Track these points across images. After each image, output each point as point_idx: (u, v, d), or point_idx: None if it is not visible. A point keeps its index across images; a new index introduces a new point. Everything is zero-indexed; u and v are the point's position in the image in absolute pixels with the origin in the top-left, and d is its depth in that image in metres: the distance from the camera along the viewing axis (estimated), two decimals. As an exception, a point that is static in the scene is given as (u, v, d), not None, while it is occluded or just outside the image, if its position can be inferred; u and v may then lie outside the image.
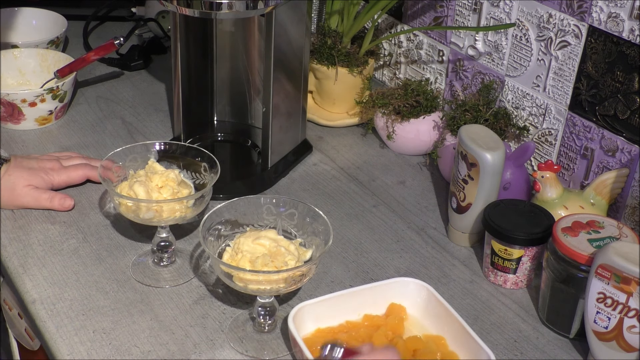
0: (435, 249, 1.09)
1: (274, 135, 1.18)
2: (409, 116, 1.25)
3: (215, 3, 1.02)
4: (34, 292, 0.97)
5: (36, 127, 1.30)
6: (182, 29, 1.16)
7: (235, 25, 1.24)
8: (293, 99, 1.20)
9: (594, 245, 0.90)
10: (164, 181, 0.99)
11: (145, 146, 1.06)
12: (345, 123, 1.36)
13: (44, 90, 1.26)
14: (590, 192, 1.05)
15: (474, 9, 1.24)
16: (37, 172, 1.10)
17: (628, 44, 1.03)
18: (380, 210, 1.16)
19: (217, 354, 0.90)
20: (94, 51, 1.32)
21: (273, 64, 1.12)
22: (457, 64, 1.31)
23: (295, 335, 0.84)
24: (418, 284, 0.92)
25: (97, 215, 1.11)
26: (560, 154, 1.16)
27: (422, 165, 1.28)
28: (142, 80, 1.47)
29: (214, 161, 1.02)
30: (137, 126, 1.33)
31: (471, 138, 1.03)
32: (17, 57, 1.37)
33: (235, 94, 1.30)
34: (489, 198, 1.04)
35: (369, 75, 1.36)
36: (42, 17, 1.51)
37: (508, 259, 0.99)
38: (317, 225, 0.92)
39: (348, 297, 0.91)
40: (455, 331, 0.87)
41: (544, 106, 1.17)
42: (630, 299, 0.82)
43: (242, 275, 0.86)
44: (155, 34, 1.58)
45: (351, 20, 1.33)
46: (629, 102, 1.05)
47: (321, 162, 1.27)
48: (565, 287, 0.91)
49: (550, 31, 1.13)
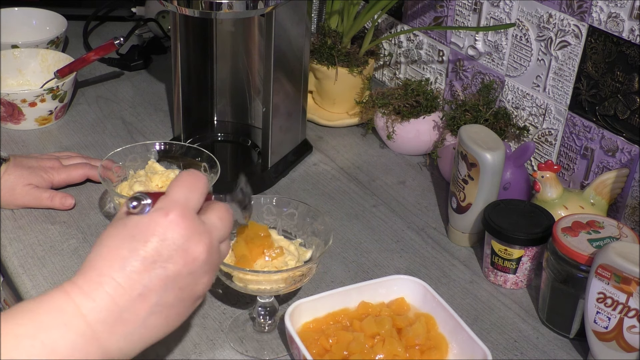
0: (435, 249, 1.09)
1: (274, 135, 1.18)
2: (409, 116, 1.25)
3: (215, 3, 1.02)
4: (34, 292, 0.96)
5: (36, 127, 1.30)
6: (182, 29, 1.16)
7: (235, 25, 1.24)
8: (293, 99, 1.20)
9: (594, 245, 0.90)
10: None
11: (145, 146, 1.06)
12: (345, 123, 1.36)
13: (44, 90, 1.26)
14: (590, 192, 1.05)
15: (474, 9, 1.24)
16: (36, 171, 1.10)
17: (628, 44, 1.03)
18: (380, 210, 1.16)
19: (217, 354, 0.90)
20: (94, 51, 1.32)
21: (273, 64, 1.12)
22: (457, 64, 1.31)
23: (292, 333, 0.84)
24: (415, 282, 0.92)
25: (97, 215, 1.11)
26: (560, 154, 1.16)
27: (422, 165, 1.28)
28: (142, 80, 1.47)
29: (214, 161, 1.02)
30: (137, 126, 1.33)
31: (471, 138, 1.03)
32: (17, 57, 1.37)
33: (235, 94, 1.30)
34: (489, 198, 1.04)
35: (369, 75, 1.36)
36: (42, 17, 1.51)
37: (508, 259, 1.00)
38: (317, 225, 0.92)
39: (345, 294, 0.91)
40: (452, 328, 0.87)
41: (544, 106, 1.17)
42: (630, 299, 0.82)
43: (242, 275, 0.86)
44: (155, 34, 1.58)
45: (351, 20, 1.33)
46: (629, 102, 1.05)
47: (321, 162, 1.27)
48: (565, 287, 0.91)
49: (550, 31, 1.13)
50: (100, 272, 0.64)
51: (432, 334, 0.88)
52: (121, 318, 0.64)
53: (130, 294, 0.64)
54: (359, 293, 0.92)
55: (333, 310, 0.90)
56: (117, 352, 0.65)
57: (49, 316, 0.62)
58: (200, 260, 0.67)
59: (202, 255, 0.67)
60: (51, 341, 0.60)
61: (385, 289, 0.93)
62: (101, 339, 0.63)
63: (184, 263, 0.66)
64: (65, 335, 0.61)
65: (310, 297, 0.90)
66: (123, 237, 0.65)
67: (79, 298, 0.63)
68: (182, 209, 0.67)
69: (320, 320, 0.89)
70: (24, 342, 0.60)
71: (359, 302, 0.91)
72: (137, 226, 0.66)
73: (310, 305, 0.89)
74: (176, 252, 0.66)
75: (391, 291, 0.93)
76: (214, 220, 0.70)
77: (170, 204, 0.67)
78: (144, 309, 0.65)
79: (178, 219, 0.66)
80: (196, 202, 0.69)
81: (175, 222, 0.66)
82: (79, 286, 0.63)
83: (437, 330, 0.89)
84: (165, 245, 0.65)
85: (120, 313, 0.64)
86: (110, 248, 0.65)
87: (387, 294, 0.93)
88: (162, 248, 0.65)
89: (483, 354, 0.83)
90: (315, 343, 0.85)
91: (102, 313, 0.63)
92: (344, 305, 0.91)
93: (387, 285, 0.93)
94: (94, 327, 0.63)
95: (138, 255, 0.64)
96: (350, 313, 0.90)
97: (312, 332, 0.87)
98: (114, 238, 0.66)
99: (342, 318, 0.90)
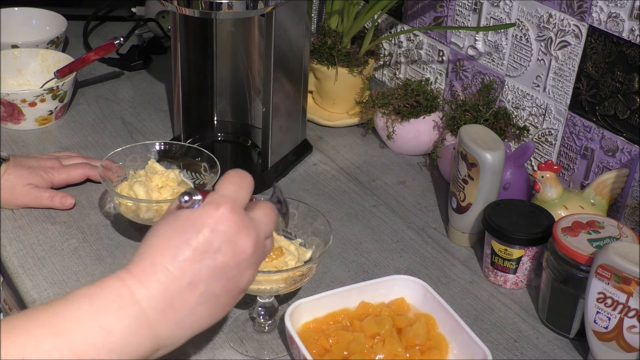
0: (435, 249, 1.09)
1: (274, 135, 1.18)
2: (409, 116, 1.25)
3: (215, 3, 1.02)
4: (34, 292, 0.97)
5: (36, 127, 1.30)
6: (182, 29, 1.16)
7: (235, 25, 1.24)
8: (293, 99, 1.20)
9: (594, 245, 0.90)
10: (164, 181, 0.99)
11: (145, 146, 1.06)
12: (345, 123, 1.36)
13: (44, 90, 1.26)
14: (590, 192, 1.05)
15: (474, 9, 1.24)
16: (36, 171, 1.10)
17: (628, 44, 1.03)
18: (380, 210, 1.16)
19: (217, 354, 0.90)
20: (94, 51, 1.32)
21: (273, 64, 1.12)
22: (457, 64, 1.31)
23: (292, 333, 0.84)
24: (415, 282, 0.92)
25: (97, 215, 1.11)
26: (560, 154, 1.16)
27: (422, 165, 1.28)
28: (142, 80, 1.47)
29: (214, 161, 1.02)
30: (137, 126, 1.33)
31: (471, 138, 1.03)
32: (17, 57, 1.37)
33: (235, 94, 1.30)
34: (489, 198, 1.04)
35: (369, 75, 1.36)
36: (42, 17, 1.51)
37: (508, 259, 1.00)
38: (317, 225, 0.92)
39: (345, 294, 0.91)
40: (452, 329, 0.87)
41: (544, 106, 1.17)
42: (630, 299, 0.82)
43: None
44: (155, 34, 1.58)
45: (351, 20, 1.33)
46: (629, 102, 1.05)
47: (321, 162, 1.27)
48: (565, 287, 0.91)
49: (550, 31, 1.13)
50: (154, 261, 0.67)
51: (432, 334, 0.88)
52: (172, 305, 0.67)
53: (180, 282, 0.67)
54: (359, 293, 0.92)
55: (333, 310, 0.90)
56: (167, 338, 0.68)
57: (106, 301, 0.65)
58: (248, 253, 0.70)
59: (249, 248, 0.70)
60: (108, 324, 0.64)
61: (385, 289, 0.93)
62: (153, 324, 0.66)
63: (232, 254, 0.69)
64: (121, 319, 0.64)
65: (310, 297, 0.90)
66: (175, 229, 0.68)
67: (134, 285, 0.66)
68: (231, 204, 0.70)
69: (320, 320, 0.89)
70: (83, 324, 0.63)
71: (359, 302, 0.91)
72: (189, 218, 0.69)
73: (310, 305, 0.89)
74: (226, 243, 0.68)
75: (391, 291, 0.93)
76: (260, 216, 0.73)
77: (220, 199, 0.70)
78: (193, 298, 0.68)
79: (228, 213, 0.69)
80: (244, 199, 0.72)
81: (225, 215, 0.69)
82: (134, 274, 0.66)
83: (437, 331, 0.89)
84: (216, 237, 0.68)
85: (171, 300, 0.67)
86: (163, 239, 0.68)
87: (387, 294, 0.93)
88: (212, 239, 0.68)
89: (483, 354, 0.83)
90: (315, 343, 0.85)
91: (155, 300, 0.66)
92: (344, 305, 0.91)
93: (387, 285, 0.93)
94: (147, 312, 0.66)
95: (189, 245, 0.67)
96: (350, 313, 0.90)
97: (312, 332, 0.87)
98: (166, 229, 0.69)
99: (342, 318, 0.90)
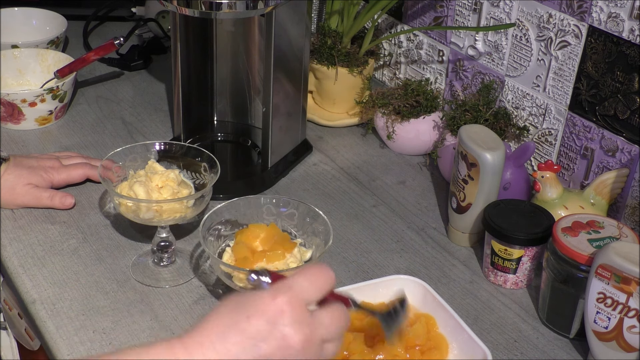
0: (435, 249, 1.09)
1: (274, 135, 1.18)
2: (409, 116, 1.25)
3: (215, 3, 1.02)
4: (34, 292, 0.97)
5: (36, 127, 1.30)
6: (182, 29, 1.16)
7: (235, 25, 1.24)
8: (293, 99, 1.20)
9: (594, 245, 0.90)
10: (164, 181, 0.99)
11: (145, 146, 1.06)
12: (345, 123, 1.36)
13: (44, 90, 1.26)
14: (590, 192, 1.05)
15: (474, 9, 1.24)
16: (36, 171, 1.10)
17: (628, 44, 1.03)
18: (380, 210, 1.16)
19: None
20: (94, 51, 1.32)
21: (273, 64, 1.12)
22: (457, 64, 1.31)
23: None
24: (415, 282, 0.92)
25: (97, 215, 1.11)
26: (560, 154, 1.16)
27: (422, 165, 1.28)
28: (142, 80, 1.47)
29: (214, 161, 1.02)
30: (137, 126, 1.33)
31: (471, 138, 1.03)
32: (17, 57, 1.37)
33: (235, 94, 1.30)
34: (489, 198, 1.04)
35: (369, 75, 1.36)
36: (42, 17, 1.51)
37: (508, 259, 1.00)
38: (317, 225, 0.92)
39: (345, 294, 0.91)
40: (452, 329, 0.87)
41: (544, 106, 1.17)
42: (630, 299, 0.82)
43: (243, 276, 0.86)
44: (155, 34, 1.58)
45: (351, 20, 1.33)
46: (629, 102, 1.05)
47: (321, 162, 1.27)
48: (565, 287, 0.91)
49: (550, 31, 1.13)
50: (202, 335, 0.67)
51: (432, 334, 0.88)
52: None
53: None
54: (359, 293, 0.92)
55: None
56: None
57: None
58: (295, 349, 0.67)
59: (297, 345, 0.67)
60: None
61: (385, 289, 0.92)
62: None
63: (278, 347, 0.67)
64: None
65: None
66: (230, 309, 0.68)
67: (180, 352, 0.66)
68: (291, 296, 0.68)
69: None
70: None
71: (359, 302, 0.91)
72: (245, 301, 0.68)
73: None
74: (273, 335, 0.67)
75: (391, 291, 0.93)
76: (323, 317, 0.70)
77: (282, 288, 0.68)
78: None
79: (284, 304, 0.67)
80: (311, 295, 0.70)
81: (280, 306, 0.67)
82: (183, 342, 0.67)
83: (437, 331, 0.89)
84: (265, 326, 0.66)
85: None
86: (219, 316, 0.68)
87: (387, 294, 0.92)
88: (261, 327, 0.66)
89: (483, 354, 0.83)
90: None
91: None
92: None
93: (387, 285, 0.93)
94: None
95: (238, 327, 0.66)
96: (350, 313, 0.90)
97: None
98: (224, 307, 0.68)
99: None
